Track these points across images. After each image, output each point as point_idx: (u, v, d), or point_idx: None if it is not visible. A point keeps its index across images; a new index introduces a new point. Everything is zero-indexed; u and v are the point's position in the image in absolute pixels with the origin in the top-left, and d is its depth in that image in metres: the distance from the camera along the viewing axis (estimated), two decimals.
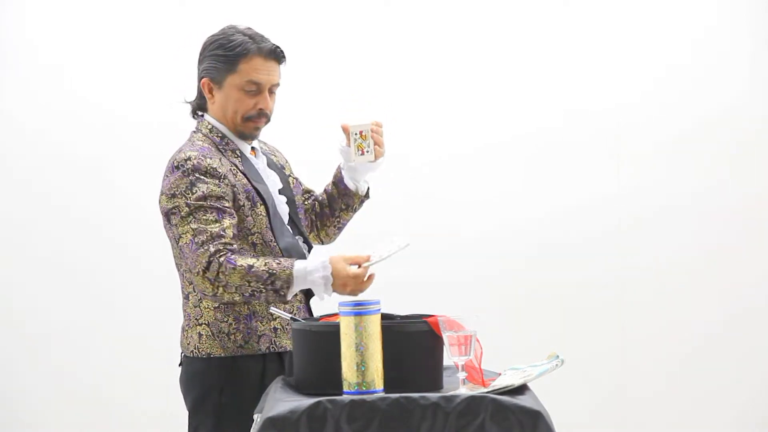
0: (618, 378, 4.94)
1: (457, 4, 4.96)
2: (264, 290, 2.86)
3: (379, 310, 2.55)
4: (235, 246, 2.90)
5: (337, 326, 2.55)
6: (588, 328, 4.92)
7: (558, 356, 2.67)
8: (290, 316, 2.86)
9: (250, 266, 2.85)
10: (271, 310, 2.92)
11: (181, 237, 2.92)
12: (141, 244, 4.87)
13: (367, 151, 3.10)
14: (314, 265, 2.88)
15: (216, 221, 2.90)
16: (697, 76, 4.98)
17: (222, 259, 2.86)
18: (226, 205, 2.94)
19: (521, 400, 2.45)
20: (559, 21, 4.97)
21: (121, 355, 4.86)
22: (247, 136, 3.09)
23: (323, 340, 2.61)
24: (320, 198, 3.33)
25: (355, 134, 3.09)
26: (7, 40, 4.90)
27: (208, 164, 2.96)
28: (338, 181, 3.26)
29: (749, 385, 4.95)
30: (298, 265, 2.88)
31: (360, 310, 2.52)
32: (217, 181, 2.95)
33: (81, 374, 4.86)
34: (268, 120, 3.10)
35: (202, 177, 2.94)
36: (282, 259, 2.91)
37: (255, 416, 2.65)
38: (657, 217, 4.96)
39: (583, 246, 4.95)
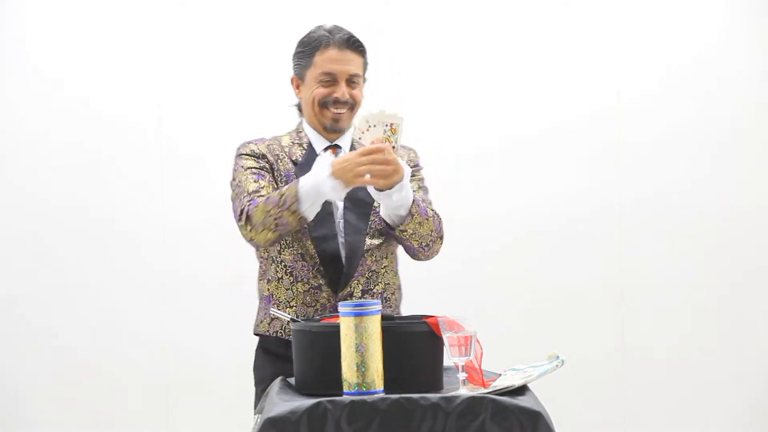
0: (618, 378, 4.94)
1: (457, 5, 4.96)
2: (281, 213, 2.93)
3: (380, 310, 2.54)
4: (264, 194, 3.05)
5: (337, 327, 2.55)
6: (588, 328, 4.92)
7: (558, 356, 2.67)
8: (290, 316, 2.87)
9: (266, 197, 2.97)
10: (271, 311, 2.93)
11: (232, 202, 3.09)
12: (144, 244, 4.87)
13: (394, 147, 2.87)
14: (315, 167, 2.96)
15: (254, 181, 3.06)
16: (697, 73, 4.98)
17: (250, 205, 2.99)
18: (265, 174, 3.09)
19: (521, 401, 2.45)
20: (559, 20, 4.97)
21: (122, 353, 4.86)
22: (329, 127, 3.13)
23: (323, 340, 2.61)
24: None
25: (386, 126, 2.89)
26: (7, 42, 4.90)
27: (251, 148, 3.13)
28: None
29: (750, 383, 4.95)
30: (304, 178, 2.95)
31: (360, 311, 2.51)
32: (256, 159, 3.10)
33: (82, 373, 4.86)
34: (352, 109, 3.13)
35: (244, 155, 3.12)
36: (291, 184, 2.97)
37: (255, 416, 2.65)
38: (657, 215, 4.96)
39: (583, 245, 4.95)
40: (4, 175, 4.89)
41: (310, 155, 3.12)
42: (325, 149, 3.15)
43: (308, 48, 3.12)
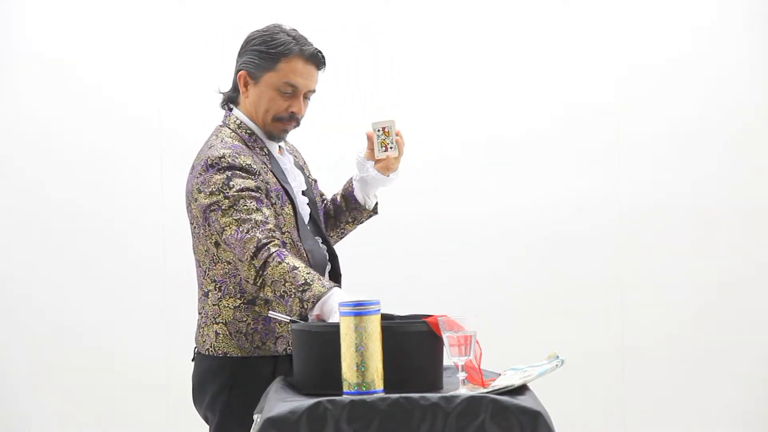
0: (618, 378, 4.94)
1: (457, 4, 4.96)
2: (293, 295, 2.80)
3: (379, 310, 2.54)
4: (278, 234, 2.89)
5: (336, 326, 2.55)
6: (588, 328, 4.92)
7: (558, 356, 2.67)
8: (289, 318, 2.86)
9: (294, 267, 2.81)
10: (269, 314, 2.92)
11: (224, 230, 2.90)
12: (144, 243, 4.87)
13: (391, 147, 3.12)
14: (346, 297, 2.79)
15: (257, 209, 2.89)
16: (697, 70, 4.98)
17: (273, 250, 2.83)
18: (263, 197, 2.94)
19: (521, 401, 2.45)
20: (559, 18, 4.97)
21: (122, 352, 4.86)
22: (275, 137, 3.08)
23: (323, 340, 2.61)
24: (328, 205, 3.32)
25: (378, 131, 3.10)
26: (8, 39, 4.90)
27: (243, 161, 2.95)
28: (348, 193, 3.27)
29: (750, 383, 4.95)
30: (337, 290, 2.80)
31: (360, 311, 2.51)
32: (253, 177, 2.94)
33: (82, 373, 4.86)
34: (298, 124, 3.09)
35: (238, 172, 2.93)
36: (325, 279, 2.85)
37: (255, 416, 2.65)
38: (657, 214, 4.96)
39: (583, 245, 4.95)
40: (3, 172, 4.89)
41: (275, 163, 3.07)
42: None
43: (273, 51, 3.03)
